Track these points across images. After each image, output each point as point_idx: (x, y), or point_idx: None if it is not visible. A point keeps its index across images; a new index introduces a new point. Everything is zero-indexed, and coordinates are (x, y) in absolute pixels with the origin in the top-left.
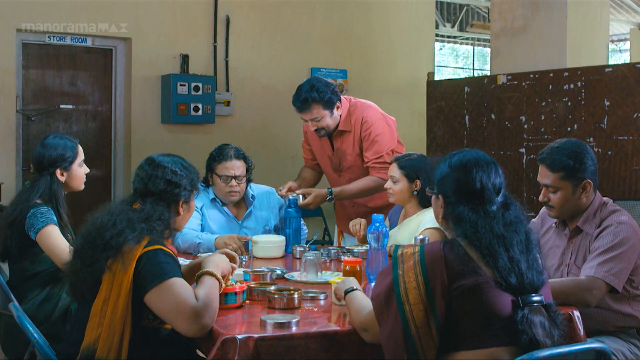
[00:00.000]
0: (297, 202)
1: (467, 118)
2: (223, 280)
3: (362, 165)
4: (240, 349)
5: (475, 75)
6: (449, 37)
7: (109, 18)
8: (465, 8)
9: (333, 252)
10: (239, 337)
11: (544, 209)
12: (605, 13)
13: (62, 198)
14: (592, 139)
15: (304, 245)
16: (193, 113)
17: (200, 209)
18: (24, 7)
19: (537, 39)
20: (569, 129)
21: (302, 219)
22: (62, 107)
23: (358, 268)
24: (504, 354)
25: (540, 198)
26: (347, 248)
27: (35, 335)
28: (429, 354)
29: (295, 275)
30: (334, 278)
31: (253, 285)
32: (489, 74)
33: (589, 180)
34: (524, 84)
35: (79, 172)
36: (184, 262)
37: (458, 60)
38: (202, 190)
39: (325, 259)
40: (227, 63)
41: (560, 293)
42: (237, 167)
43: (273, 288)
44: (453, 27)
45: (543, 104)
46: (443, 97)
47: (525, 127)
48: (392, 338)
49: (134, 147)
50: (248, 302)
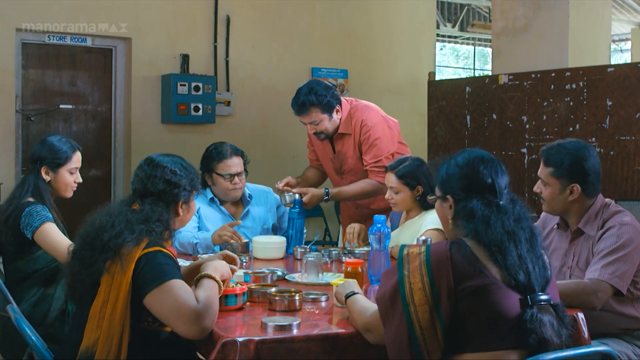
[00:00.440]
0: (302, 203)
1: (468, 118)
2: (222, 284)
3: (362, 169)
4: (241, 352)
5: (476, 75)
6: (450, 37)
7: (109, 18)
8: (466, 8)
9: (334, 253)
10: (240, 339)
11: (545, 212)
12: (607, 13)
13: (48, 197)
14: (594, 139)
15: (305, 246)
16: (193, 113)
17: (197, 211)
18: (24, 6)
19: (538, 39)
20: (571, 129)
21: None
22: (61, 107)
23: (359, 269)
24: (510, 357)
25: (534, 188)
26: (348, 249)
27: (33, 338)
28: (434, 356)
29: (296, 277)
30: (336, 280)
31: (254, 287)
32: (491, 74)
33: (577, 185)
34: (526, 84)
35: (67, 177)
36: (184, 263)
37: (459, 61)
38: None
39: (327, 260)
40: (227, 63)
41: (565, 296)
42: (237, 163)
43: (274, 290)
44: (454, 27)
45: (545, 104)
46: (444, 97)
47: (527, 127)
48: (396, 339)
49: (134, 147)
50: (248, 304)
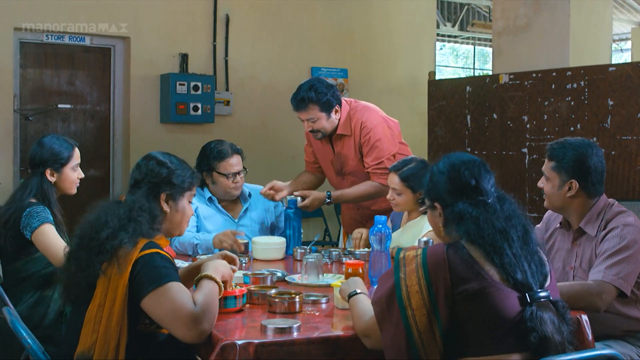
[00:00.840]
0: (297, 202)
1: (468, 118)
2: (223, 285)
3: (364, 171)
4: (240, 355)
5: (477, 75)
6: (450, 36)
7: (108, 17)
8: (466, 7)
9: (334, 254)
10: (239, 342)
11: (549, 212)
12: (608, 12)
13: (54, 198)
14: (595, 139)
15: (305, 247)
16: (192, 113)
17: (195, 211)
18: (22, 5)
19: (539, 38)
20: (572, 129)
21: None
22: (60, 106)
23: (360, 271)
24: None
25: (538, 183)
26: (348, 250)
27: (29, 341)
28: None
29: (296, 278)
30: (336, 281)
31: (253, 289)
32: (491, 73)
33: (575, 181)
34: (527, 84)
35: (71, 175)
36: (183, 264)
37: (458, 60)
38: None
39: (327, 261)
40: (226, 62)
41: (569, 298)
42: (237, 162)
43: (274, 291)
44: (454, 26)
45: (546, 104)
46: (444, 96)
47: (528, 126)
48: (394, 343)
49: (133, 147)
50: (248, 305)
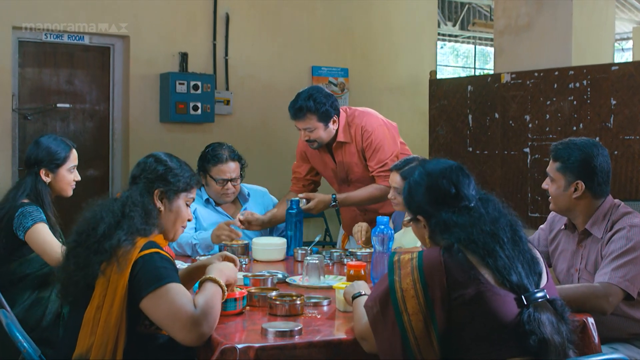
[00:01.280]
0: (299, 203)
1: (470, 117)
2: (227, 288)
3: (370, 175)
4: (240, 359)
5: (477, 74)
6: (450, 35)
7: (107, 16)
8: (467, 6)
9: (335, 254)
10: (239, 346)
11: (553, 213)
12: (611, 11)
13: (48, 199)
14: (598, 139)
15: (306, 248)
16: (192, 112)
17: (194, 212)
18: (21, 4)
19: (541, 37)
20: (575, 128)
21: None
22: (59, 106)
23: (362, 272)
24: None
25: (543, 184)
26: (350, 251)
27: (25, 345)
28: None
29: (297, 280)
30: (338, 283)
31: (253, 291)
32: (493, 73)
33: (581, 182)
34: (529, 83)
35: (67, 177)
36: (182, 265)
37: (458, 60)
38: None
39: (328, 262)
40: (226, 61)
41: (575, 300)
42: (232, 169)
43: (274, 294)
44: (454, 25)
45: (548, 103)
46: (446, 96)
47: (530, 126)
48: (389, 348)
49: (132, 146)
50: (248, 308)
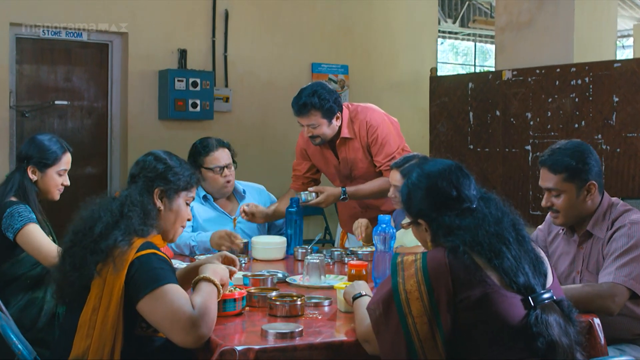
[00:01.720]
0: (299, 201)
1: (471, 115)
2: (222, 288)
3: (374, 172)
4: None
5: (478, 71)
6: (450, 32)
7: (105, 12)
8: (467, 3)
9: (336, 253)
10: (238, 348)
11: (550, 215)
12: (613, 7)
13: (33, 197)
14: (600, 136)
15: (306, 247)
16: (191, 109)
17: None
18: (18, 1)
19: (543, 34)
20: (577, 126)
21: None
22: (57, 103)
23: (364, 272)
24: None
25: (543, 203)
26: (350, 250)
27: (20, 347)
28: None
29: (298, 279)
30: (339, 283)
31: (253, 291)
32: (494, 70)
33: (594, 182)
34: (530, 80)
35: (55, 179)
36: (180, 265)
37: (458, 57)
38: None
39: (329, 261)
40: (225, 58)
41: (580, 301)
42: (224, 156)
43: (274, 294)
44: (454, 22)
45: (549, 100)
46: (446, 93)
47: (531, 123)
48: (392, 351)
49: (131, 144)
50: (248, 309)
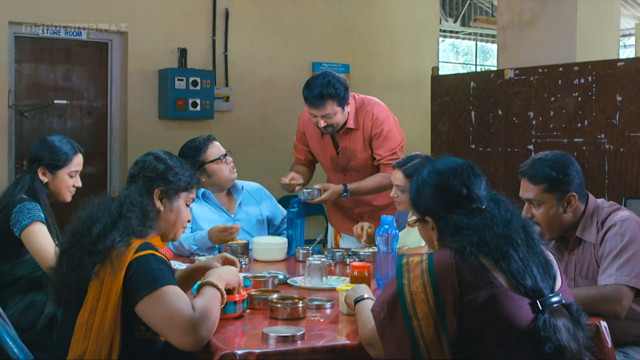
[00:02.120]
0: (300, 201)
1: (473, 114)
2: (232, 291)
3: (371, 165)
4: None
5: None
6: (451, 32)
7: (105, 11)
8: (468, 2)
9: (338, 254)
10: (239, 352)
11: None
12: (616, 6)
13: (44, 199)
14: (603, 136)
15: (307, 248)
16: (191, 108)
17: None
18: None
19: (545, 33)
20: (579, 125)
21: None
22: (56, 102)
23: (366, 274)
24: None
25: (523, 214)
26: (352, 250)
27: (16, 351)
28: None
29: (299, 281)
30: (341, 285)
31: (254, 293)
32: (495, 69)
33: (574, 194)
34: (532, 79)
35: (65, 181)
36: (180, 265)
37: (458, 57)
38: None
39: (330, 262)
40: (226, 57)
41: (585, 306)
42: (219, 145)
43: (275, 296)
44: (455, 22)
45: (552, 100)
46: (448, 92)
47: (534, 123)
48: (397, 354)
49: (131, 143)
50: (248, 311)
